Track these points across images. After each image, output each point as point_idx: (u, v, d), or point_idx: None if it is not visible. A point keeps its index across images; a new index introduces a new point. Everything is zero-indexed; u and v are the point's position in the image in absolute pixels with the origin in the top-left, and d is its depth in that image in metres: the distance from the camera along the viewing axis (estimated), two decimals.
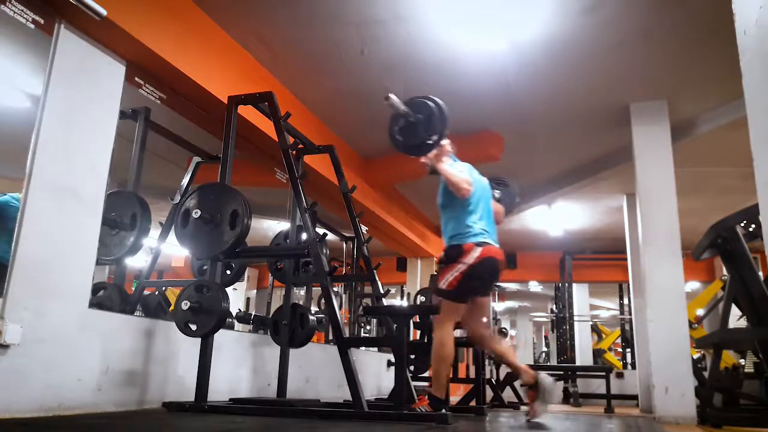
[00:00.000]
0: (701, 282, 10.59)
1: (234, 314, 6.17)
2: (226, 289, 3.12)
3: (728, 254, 4.16)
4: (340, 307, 8.25)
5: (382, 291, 4.14)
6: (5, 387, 2.41)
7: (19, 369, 2.46)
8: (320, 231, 3.33)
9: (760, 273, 4.16)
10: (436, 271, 8.28)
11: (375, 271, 4.12)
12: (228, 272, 4.22)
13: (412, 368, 4.95)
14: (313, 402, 3.57)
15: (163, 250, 4.14)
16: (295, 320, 3.92)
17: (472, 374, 5.40)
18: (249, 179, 5.80)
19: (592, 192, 7.36)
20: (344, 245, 7.95)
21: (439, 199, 3.43)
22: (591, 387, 8.13)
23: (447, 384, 3.58)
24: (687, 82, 4.71)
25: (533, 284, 13.24)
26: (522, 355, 16.16)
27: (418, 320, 4.97)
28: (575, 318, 11.86)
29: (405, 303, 9.36)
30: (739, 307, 4.27)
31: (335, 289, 6.63)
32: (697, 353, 7.69)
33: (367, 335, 9.42)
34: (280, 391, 3.78)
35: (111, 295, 3.60)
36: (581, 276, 11.56)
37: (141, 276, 3.97)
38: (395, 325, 3.29)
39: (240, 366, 3.96)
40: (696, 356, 7.30)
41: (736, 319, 4.95)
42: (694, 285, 10.91)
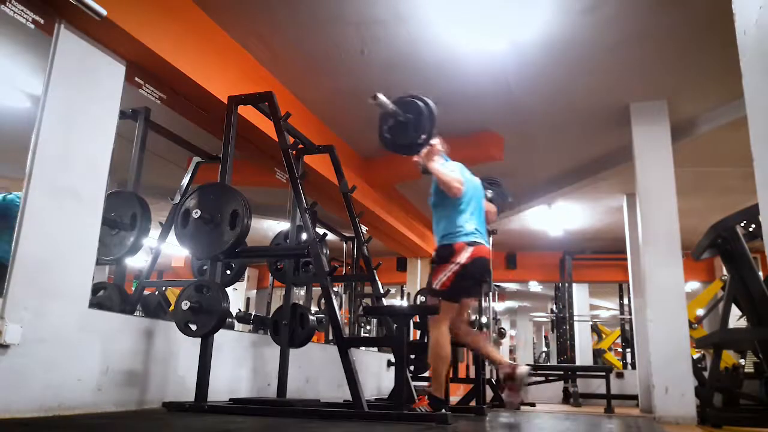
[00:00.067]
0: (701, 282, 10.59)
1: (234, 314, 6.17)
2: (226, 289, 3.11)
3: (728, 254, 4.16)
4: (340, 307, 8.25)
5: (382, 291, 4.14)
6: (5, 387, 2.41)
7: (19, 369, 2.46)
8: (320, 231, 3.33)
9: (760, 273, 4.17)
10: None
11: (375, 271, 4.12)
12: (228, 272, 4.22)
13: (412, 368, 4.95)
14: (313, 402, 3.57)
15: (163, 250, 4.14)
16: (295, 320, 3.92)
17: (472, 374, 5.40)
18: (249, 179, 5.80)
19: (592, 192, 7.36)
20: (344, 245, 7.95)
21: (431, 199, 3.46)
22: (591, 387, 8.13)
23: (447, 384, 3.58)
24: (687, 82, 4.71)
25: (533, 284, 13.24)
26: (522, 355, 16.17)
27: (418, 320, 4.97)
28: (575, 318, 11.86)
29: (405, 303, 9.36)
30: (739, 307, 4.27)
31: (335, 289, 6.62)
32: (697, 353, 7.69)
33: (367, 335, 9.41)
34: (280, 391, 3.78)
35: (111, 295, 3.59)
36: (581, 276, 11.56)
37: (141, 276, 3.97)
38: (395, 325, 3.29)
39: (240, 366, 3.96)
40: (696, 356, 7.30)
41: (736, 319, 4.95)
42: (694, 285, 10.91)
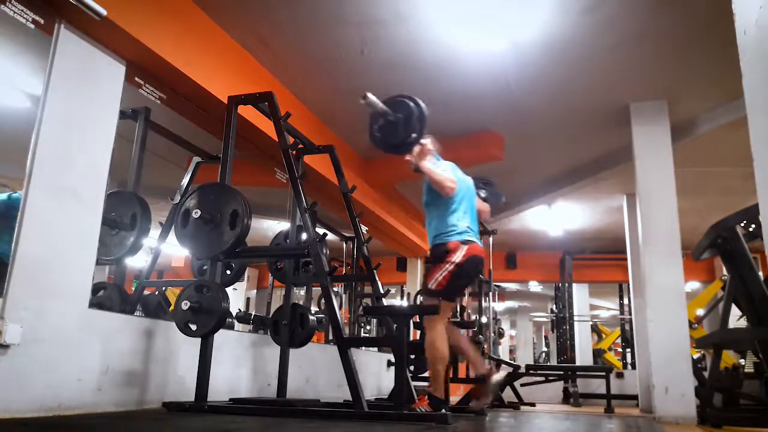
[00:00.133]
0: (701, 282, 10.59)
1: (234, 314, 6.17)
2: (226, 289, 3.12)
3: (728, 254, 4.16)
4: (340, 307, 8.25)
5: (382, 291, 4.14)
6: (5, 387, 2.41)
7: (19, 369, 2.46)
8: (320, 231, 3.33)
9: (760, 273, 4.17)
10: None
11: (375, 271, 4.12)
12: (228, 272, 4.22)
13: (412, 368, 4.95)
14: (313, 402, 3.57)
15: (163, 250, 4.14)
16: (295, 320, 3.92)
17: (472, 374, 5.39)
18: (249, 179, 5.80)
19: (592, 192, 7.36)
20: (344, 245, 7.95)
21: (424, 198, 3.47)
22: (591, 387, 8.12)
23: (447, 384, 3.60)
24: (687, 82, 4.71)
25: (533, 284, 13.24)
26: (522, 356, 16.17)
27: (418, 320, 4.96)
28: (575, 318, 11.86)
29: (405, 303, 9.36)
30: (739, 307, 4.27)
31: (335, 289, 6.63)
32: (697, 353, 7.70)
33: (367, 335, 9.41)
34: (280, 391, 3.78)
35: (111, 295, 3.59)
36: (581, 276, 11.56)
37: (141, 276, 3.97)
38: (395, 325, 3.29)
39: (240, 366, 3.96)
40: (696, 356, 7.30)
41: (736, 319, 4.95)
42: (694, 285, 10.91)
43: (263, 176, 5.03)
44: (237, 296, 11.22)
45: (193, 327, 2.95)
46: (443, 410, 3.00)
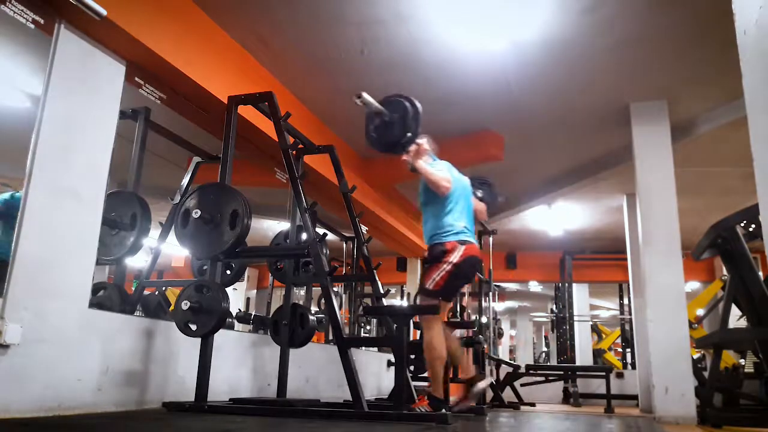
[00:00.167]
0: (701, 282, 10.59)
1: (234, 314, 6.17)
2: (226, 289, 3.12)
3: (728, 254, 4.16)
4: (340, 307, 8.25)
5: (382, 291, 4.14)
6: (5, 387, 2.41)
7: (19, 369, 2.46)
8: (320, 231, 3.33)
9: (760, 273, 4.17)
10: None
11: (375, 271, 4.12)
12: (228, 272, 4.22)
13: (412, 368, 4.95)
14: (313, 402, 3.57)
15: (163, 250, 4.14)
16: (295, 320, 3.92)
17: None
18: (249, 179, 5.80)
19: (592, 192, 7.36)
20: (344, 245, 7.96)
21: (420, 198, 3.47)
22: (591, 387, 8.13)
23: (447, 384, 3.60)
24: (687, 82, 4.71)
25: (533, 284, 13.24)
26: (522, 356, 16.17)
27: (418, 320, 4.96)
28: (575, 318, 11.86)
29: (405, 303, 9.36)
30: (739, 307, 4.27)
31: (335, 289, 6.63)
32: (697, 353, 7.70)
33: (367, 335, 9.41)
34: (280, 391, 3.78)
35: (111, 295, 3.60)
36: (581, 276, 11.56)
37: (141, 276, 3.97)
38: (395, 325, 3.29)
39: (240, 366, 3.96)
40: (696, 356, 7.30)
41: (736, 319, 4.95)
42: (694, 285, 10.91)
43: (263, 176, 5.03)
44: (237, 296, 11.23)
45: (193, 327, 2.95)
46: (443, 410, 3.00)
